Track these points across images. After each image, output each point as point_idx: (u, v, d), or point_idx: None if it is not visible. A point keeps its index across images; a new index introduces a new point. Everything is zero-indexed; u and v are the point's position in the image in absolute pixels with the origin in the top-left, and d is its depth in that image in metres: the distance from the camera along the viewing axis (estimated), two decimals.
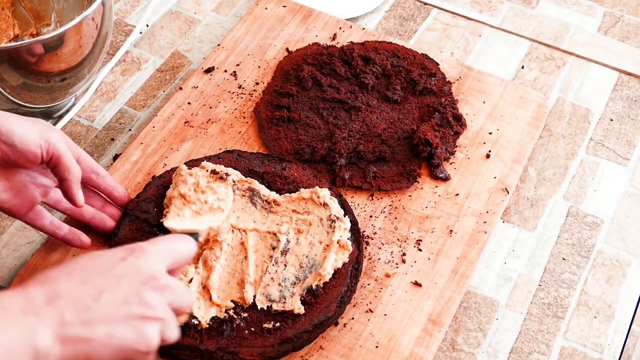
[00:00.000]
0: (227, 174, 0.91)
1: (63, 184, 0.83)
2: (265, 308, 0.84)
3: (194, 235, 0.85)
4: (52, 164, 0.81)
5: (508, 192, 0.96)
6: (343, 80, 1.05)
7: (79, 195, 0.84)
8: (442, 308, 0.87)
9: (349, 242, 0.88)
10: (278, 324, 0.83)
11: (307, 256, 0.87)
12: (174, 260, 0.72)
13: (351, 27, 1.12)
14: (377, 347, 0.84)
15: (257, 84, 1.06)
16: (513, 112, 1.04)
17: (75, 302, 0.64)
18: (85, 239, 0.87)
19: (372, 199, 0.95)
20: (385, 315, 0.86)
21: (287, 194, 0.91)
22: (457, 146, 1.00)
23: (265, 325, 0.83)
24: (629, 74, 1.11)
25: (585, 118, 1.07)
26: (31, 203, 0.85)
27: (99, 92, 1.08)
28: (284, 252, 0.87)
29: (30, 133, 0.78)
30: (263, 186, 0.92)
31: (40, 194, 0.86)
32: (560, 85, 1.10)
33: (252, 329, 0.83)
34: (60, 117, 1.05)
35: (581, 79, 1.11)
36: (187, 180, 0.89)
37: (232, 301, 0.84)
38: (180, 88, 1.05)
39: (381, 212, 0.94)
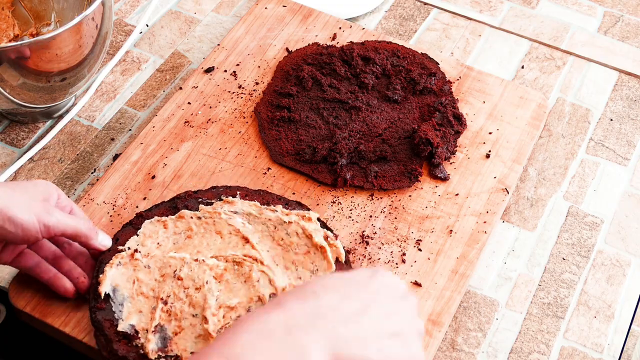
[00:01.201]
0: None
1: (79, 243, 0.85)
2: None
3: None
4: (56, 238, 0.83)
5: (508, 192, 0.96)
6: (343, 80, 1.05)
7: (100, 242, 0.85)
8: (442, 308, 0.87)
9: None
10: None
11: None
12: None
13: (351, 27, 1.12)
14: None
15: (257, 83, 1.06)
16: (513, 112, 1.04)
17: (342, 316, 0.61)
18: (69, 286, 0.84)
19: (372, 199, 0.95)
20: None
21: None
22: (457, 146, 1.00)
23: None
24: (629, 74, 1.11)
25: (585, 118, 1.07)
26: (18, 250, 0.84)
27: (99, 92, 1.08)
28: None
29: (31, 218, 0.78)
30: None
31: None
32: (560, 85, 1.10)
33: None
34: (60, 117, 1.05)
35: (581, 79, 1.11)
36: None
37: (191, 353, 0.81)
38: (180, 88, 1.05)
39: (381, 212, 0.94)
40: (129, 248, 0.86)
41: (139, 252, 0.86)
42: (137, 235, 0.88)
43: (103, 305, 0.82)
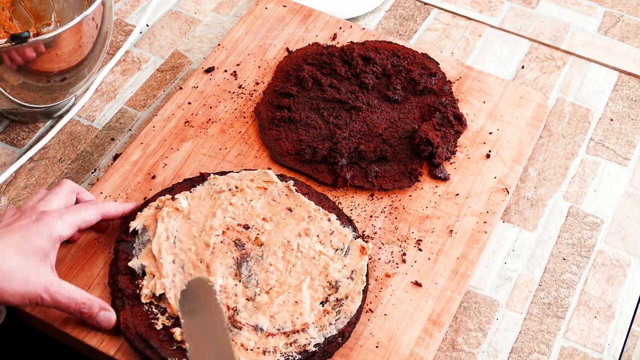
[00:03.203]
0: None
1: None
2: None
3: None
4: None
5: (508, 192, 0.96)
6: (343, 80, 1.05)
7: (100, 319, 0.84)
8: (442, 308, 0.87)
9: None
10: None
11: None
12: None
13: (351, 27, 1.12)
14: (377, 347, 0.84)
15: (257, 84, 1.06)
16: (513, 112, 1.04)
17: None
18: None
19: (372, 199, 0.95)
20: (385, 315, 0.86)
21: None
22: (457, 146, 1.00)
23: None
24: (629, 74, 1.11)
25: (585, 118, 1.07)
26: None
27: (99, 92, 1.08)
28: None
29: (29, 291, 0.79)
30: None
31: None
32: (560, 85, 1.10)
33: None
34: (60, 117, 1.05)
35: (581, 79, 1.11)
36: None
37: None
38: (181, 88, 1.05)
39: (381, 212, 0.94)
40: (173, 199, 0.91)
41: (182, 210, 0.90)
42: (190, 191, 0.92)
43: (129, 238, 0.89)
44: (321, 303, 0.85)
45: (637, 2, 1.20)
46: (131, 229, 0.89)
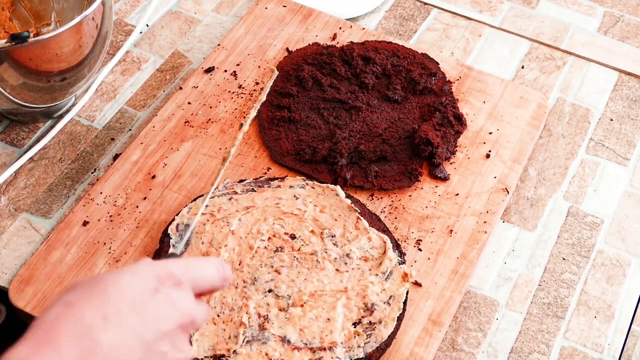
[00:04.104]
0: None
1: None
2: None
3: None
4: None
5: (508, 192, 0.96)
6: (343, 80, 1.05)
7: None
8: (442, 308, 0.87)
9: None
10: None
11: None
12: (200, 289, 0.65)
13: (351, 27, 1.12)
14: None
15: (257, 83, 1.06)
16: (513, 112, 1.04)
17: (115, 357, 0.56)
18: None
19: (372, 199, 0.95)
20: None
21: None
22: (457, 146, 1.00)
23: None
24: (629, 74, 1.11)
25: (585, 118, 1.07)
26: None
27: (99, 92, 1.08)
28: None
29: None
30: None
31: None
32: (560, 85, 1.10)
33: None
34: (60, 117, 1.05)
35: (581, 79, 1.11)
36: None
37: None
38: (180, 88, 1.05)
39: (381, 212, 0.94)
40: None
41: (227, 219, 0.89)
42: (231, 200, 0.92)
43: (176, 231, 0.89)
44: (353, 324, 0.83)
45: (637, 2, 1.20)
46: (175, 223, 0.89)
